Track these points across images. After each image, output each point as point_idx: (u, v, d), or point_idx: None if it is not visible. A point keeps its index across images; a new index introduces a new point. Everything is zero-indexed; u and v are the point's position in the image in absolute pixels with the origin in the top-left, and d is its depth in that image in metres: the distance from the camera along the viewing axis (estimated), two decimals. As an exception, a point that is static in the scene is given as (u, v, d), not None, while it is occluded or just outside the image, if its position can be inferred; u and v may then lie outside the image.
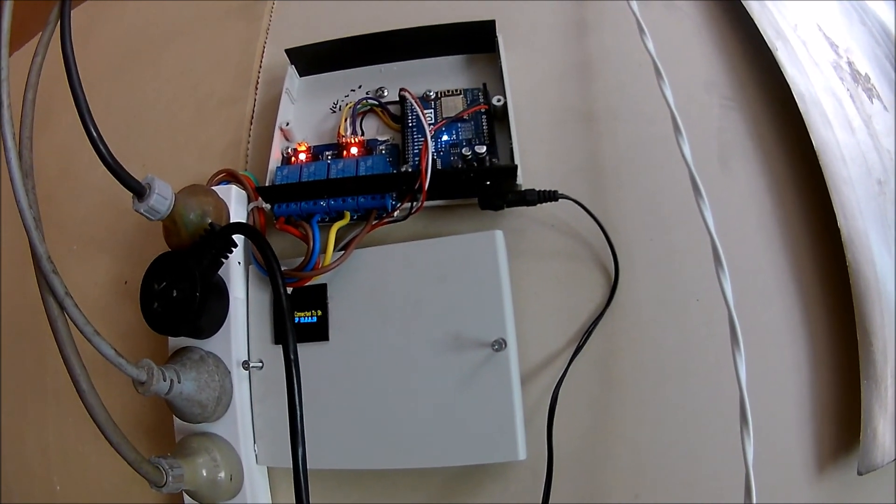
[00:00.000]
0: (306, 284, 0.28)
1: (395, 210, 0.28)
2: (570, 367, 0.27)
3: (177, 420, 0.29)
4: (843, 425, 0.28)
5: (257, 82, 0.35)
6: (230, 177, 0.31)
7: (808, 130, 0.31)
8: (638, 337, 0.29)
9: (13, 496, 0.36)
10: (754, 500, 0.23)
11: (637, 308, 0.29)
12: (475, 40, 0.32)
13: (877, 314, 0.28)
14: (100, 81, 0.40)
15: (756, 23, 0.34)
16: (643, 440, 0.28)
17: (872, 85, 0.35)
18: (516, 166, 0.27)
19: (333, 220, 0.29)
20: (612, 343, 0.28)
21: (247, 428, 0.29)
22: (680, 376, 0.28)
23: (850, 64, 0.35)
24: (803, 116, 0.31)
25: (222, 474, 0.27)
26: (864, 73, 0.35)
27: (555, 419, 0.26)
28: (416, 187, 0.27)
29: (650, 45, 0.31)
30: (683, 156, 0.28)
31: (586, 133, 0.31)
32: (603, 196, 0.30)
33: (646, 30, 0.31)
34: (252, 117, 0.34)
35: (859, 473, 0.26)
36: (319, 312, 0.28)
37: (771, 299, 0.29)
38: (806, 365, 0.29)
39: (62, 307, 0.24)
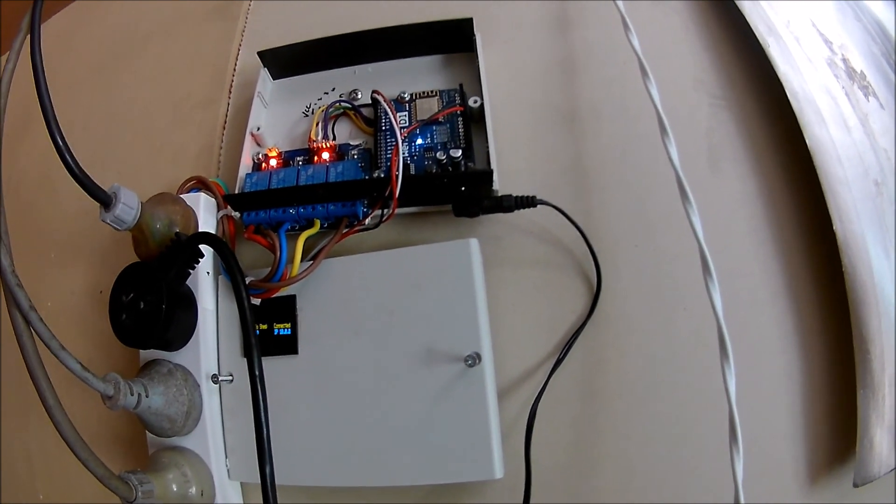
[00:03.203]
0: (274, 296, 0.25)
1: (367, 217, 0.26)
2: (550, 380, 0.25)
3: (149, 434, 0.27)
4: (837, 436, 0.25)
5: (231, 85, 0.33)
6: (200, 184, 0.29)
7: (802, 129, 0.28)
8: (622, 348, 0.26)
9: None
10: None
11: (621, 318, 0.26)
12: (453, 39, 0.29)
13: (874, 320, 0.26)
14: (83, 84, 0.38)
15: (747, 18, 0.31)
16: (629, 455, 0.25)
17: (868, 82, 0.32)
18: (491, 171, 0.25)
19: (303, 229, 0.26)
20: (594, 355, 0.26)
21: (218, 442, 0.27)
22: (667, 388, 0.26)
23: (844, 61, 0.32)
24: (797, 115, 0.28)
25: (193, 489, 0.26)
26: (859, 71, 0.32)
27: (533, 435, 0.24)
28: (387, 194, 0.25)
29: (635, 43, 0.28)
30: (670, 157, 0.26)
31: (568, 133, 0.29)
32: (586, 200, 0.28)
33: (631, 26, 0.28)
34: (225, 122, 0.32)
35: (855, 485, 0.24)
36: (288, 325, 0.26)
37: (762, 306, 0.27)
38: (799, 373, 0.26)
39: (27, 321, 0.22)
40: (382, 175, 0.26)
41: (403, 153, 0.25)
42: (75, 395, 0.28)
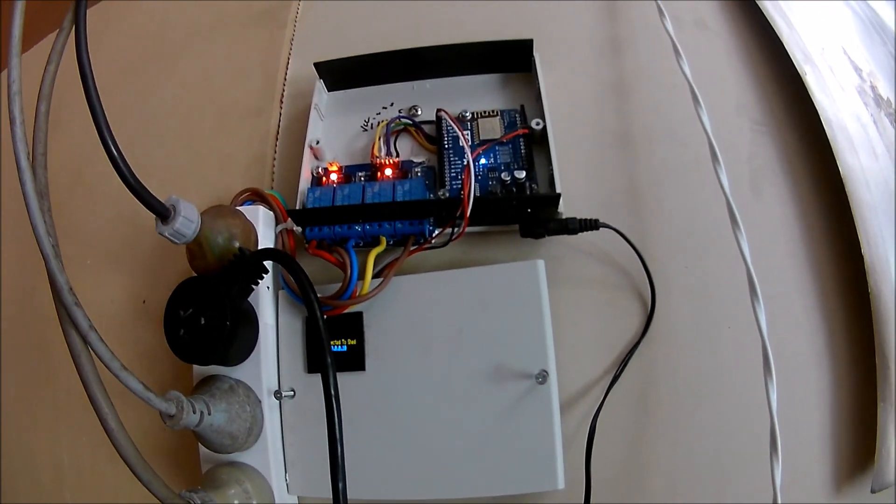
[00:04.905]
0: (342, 313, 0.25)
1: (434, 236, 0.25)
2: (608, 395, 0.26)
3: (203, 448, 0.27)
4: (860, 446, 0.27)
5: (282, 96, 0.31)
6: (256, 196, 0.28)
7: (835, 156, 0.29)
8: (673, 364, 0.27)
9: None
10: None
11: (672, 336, 0.27)
12: (511, 59, 0.29)
13: (896, 340, 0.27)
14: (112, 87, 0.36)
15: (784, 45, 0.32)
16: (676, 466, 0.26)
17: (894, 110, 0.34)
18: (559, 195, 0.25)
19: (367, 245, 0.26)
20: (648, 372, 0.27)
21: (278, 457, 0.26)
22: (711, 403, 0.27)
23: (873, 88, 0.33)
24: (830, 142, 0.29)
25: (254, 506, 0.25)
26: (886, 98, 0.34)
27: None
28: (458, 214, 0.24)
29: (686, 69, 0.29)
30: (721, 184, 0.26)
31: (622, 156, 0.29)
32: (640, 222, 0.28)
33: (682, 52, 0.29)
34: (277, 132, 0.31)
35: (873, 491, 0.25)
36: (354, 341, 0.25)
37: (798, 326, 0.28)
38: (829, 389, 0.27)
39: (86, 342, 0.21)
40: (448, 194, 0.26)
41: (473, 174, 0.24)
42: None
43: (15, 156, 0.21)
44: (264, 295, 0.27)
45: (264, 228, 0.27)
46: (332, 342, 0.25)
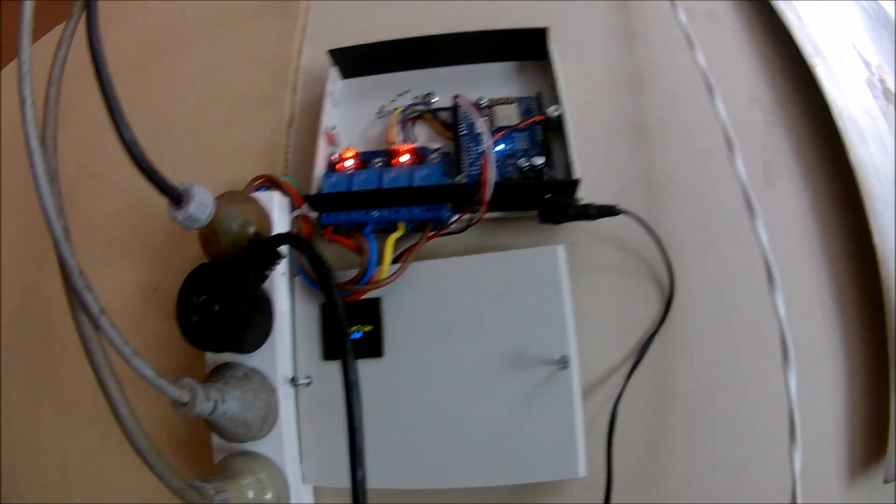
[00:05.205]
0: (360, 299, 0.25)
1: (452, 222, 0.25)
2: (628, 382, 0.25)
3: (215, 437, 0.26)
4: (873, 436, 0.27)
5: (295, 84, 0.31)
6: (270, 182, 0.28)
7: (846, 149, 0.29)
8: (690, 353, 0.27)
9: (27, 510, 0.32)
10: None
11: (689, 324, 0.27)
12: (526, 47, 0.29)
13: (910, 331, 0.27)
14: (122, 78, 0.35)
15: (794, 37, 0.32)
16: (693, 455, 0.26)
17: (903, 103, 0.34)
18: (578, 180, 0.25)
19: (383, 232, 0.26)
20: (665, 359, 0.27)
21: (293, 446, 0.26)
22: (729, 391, 0.27)
23: (881, 82, 0.34)
24: (841, 134, 0.29)
25: (269, 495, 0.24)
26: (894, 91, 0.34)
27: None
28: (477, 199, 0.24)
29: (701, 60, 0.29)
30: (738, 174, 0.26)
31: (638, 146, 0.29)
32: (657, 210, 0.28)
33: (696, 43, 0.29)
34: (291, 120, 0.30)
35: (885, 482, 0.25)
36: (372, 328, 0.25)
37: (812, 316, 0.28)
38: (842, 379, 0.27)
39: (97, 326, 0.20)
40: (465, 180, 0.26)
41: (492, 159, 0.24)
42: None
43: (25, 137, 0.21)
44: (279, 281, 0.26)
45: (279, 214, 0.26)
46: (356, 328, 0.25)
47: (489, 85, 0.29)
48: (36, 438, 0.32)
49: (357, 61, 0.29)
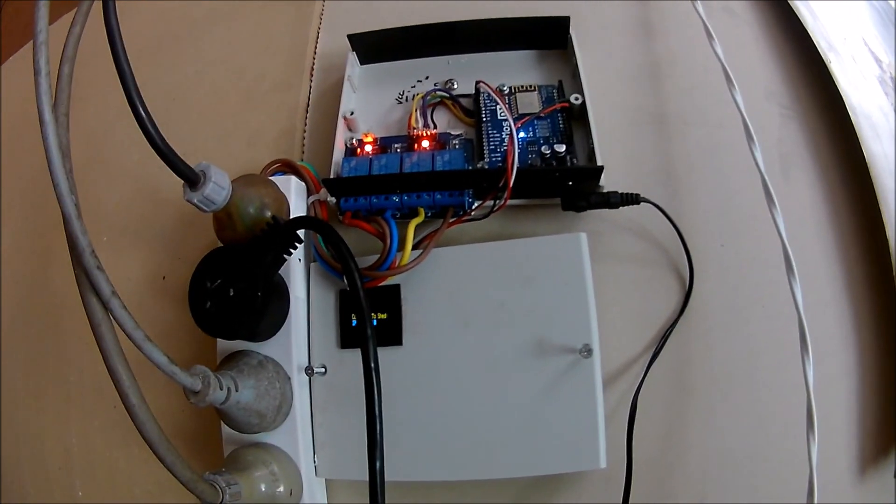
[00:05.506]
0: (379, 285, 0.24)
1: (474, 208, 0.25)
2: (648, 373, 0.25)
3: (226, 429, 0.25)
4: (884, 429, 0.27)
5: (312, 69, 0.30)
6: (287, 167, 0.27)
7: (861, 144, 0.29)
8: (709, 342, 0.26)
9: (29, 500, 0.31)
10: (816, 501, 0.22)
11: (708, 314, 0.27)
12: (547, 36, 0.29)
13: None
14: (137, 63, 0.34)
15: (809, 33, 0.32)
16: (711, 445, 0.26)
17: (912, 100, 0.34)
18: (602, 167, 0.24)
19: (404, 217, 0.25)
20: (685, 349, 0.26)
21: (307, 438, 0.25)
22: (745, 382, 0.26)
23: (892, 79, 0.34)
24: (856, 129, 0.30)
25: (281, 488, 0.24)
26: (905, 90, 0.34)
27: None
28: (501, 185, 0.23)
29: (720, 52, 0.28)
30: (757, 164, 0.26)
31: (657, 135, 0.29)
32: (677, 200, 0.28)
33: (714, 35, 0.29)
34: (308, 105, 0.30)
35: None
36: (390, 315, 0.24)
37: (826, 307, 0.28)
38: (855, 371, 0.27)
39: (107, 309, 0.19)
40: (487, 166, 0.25)
41: (516, 145, 0.24)
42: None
43: (38, 108, 0.20)
44: (295, 267, 0.25)
45: (296, 199, 0.26)
46: (375, 315, 0.24)
47: (509, 72, 0.29)
48: (39, 430, 0.31)
49: (376, 46, 0.29)
